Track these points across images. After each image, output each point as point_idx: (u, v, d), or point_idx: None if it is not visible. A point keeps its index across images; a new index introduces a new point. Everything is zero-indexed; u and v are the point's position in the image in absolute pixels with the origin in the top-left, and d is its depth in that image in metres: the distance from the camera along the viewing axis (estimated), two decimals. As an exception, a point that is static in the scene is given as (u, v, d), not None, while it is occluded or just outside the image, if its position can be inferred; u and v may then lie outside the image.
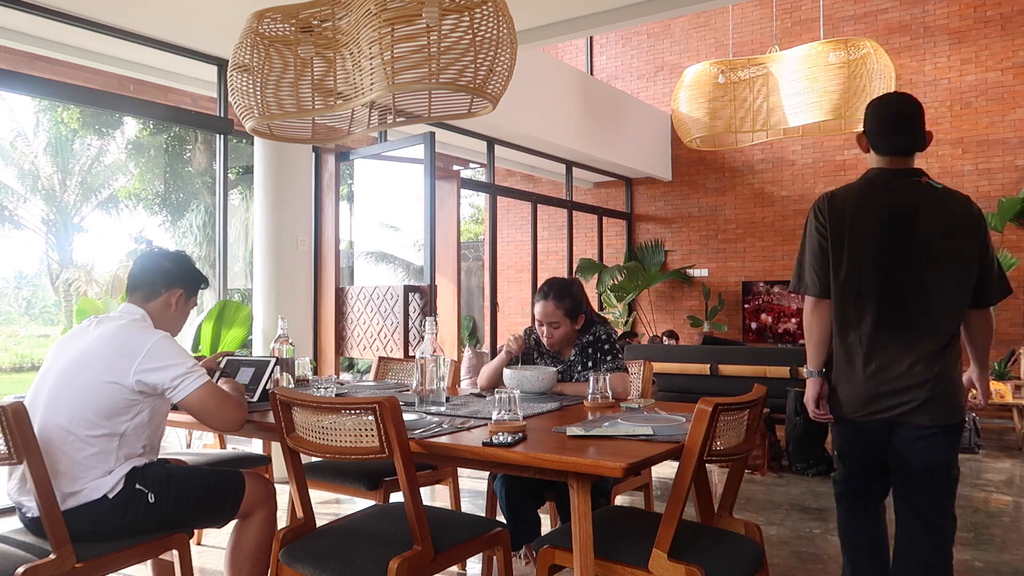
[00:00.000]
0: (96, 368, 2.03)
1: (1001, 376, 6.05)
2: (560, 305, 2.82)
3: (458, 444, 1.90)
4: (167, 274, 2.26)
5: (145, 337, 2.08)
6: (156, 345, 2.07)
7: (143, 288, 2.24)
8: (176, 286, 2.27)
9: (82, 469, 1.98)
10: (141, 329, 2.12)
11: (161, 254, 2.32)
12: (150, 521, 2.06)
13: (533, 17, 5.06)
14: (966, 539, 3.53)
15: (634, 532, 1.97)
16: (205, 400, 2.08)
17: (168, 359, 2.06)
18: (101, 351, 2.05)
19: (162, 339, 2.10)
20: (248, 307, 5.01)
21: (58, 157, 16.27)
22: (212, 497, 2.18)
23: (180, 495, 2.10)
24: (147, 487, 2.06)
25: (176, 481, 2.12)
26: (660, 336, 8.53)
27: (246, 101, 2.75)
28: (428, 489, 4.36)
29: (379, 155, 6.07)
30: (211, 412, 2.10)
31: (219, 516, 2.22)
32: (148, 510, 2.04)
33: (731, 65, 6.26)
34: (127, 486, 2.03)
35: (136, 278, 2.26)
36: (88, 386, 2.02)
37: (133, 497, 2.03)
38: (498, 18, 2.46)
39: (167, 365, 2.05)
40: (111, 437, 2.02)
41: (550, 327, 2.85)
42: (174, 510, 2.10)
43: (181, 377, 2.05)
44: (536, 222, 8.73)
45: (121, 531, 2.02)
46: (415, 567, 1.79)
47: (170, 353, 2.08)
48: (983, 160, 8.03)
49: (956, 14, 8.21)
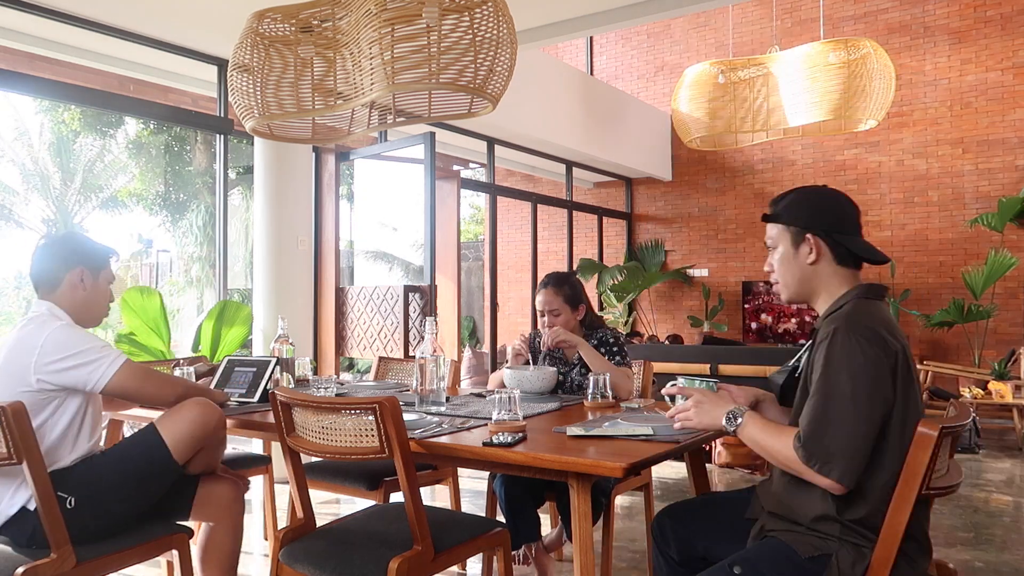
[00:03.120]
0: (6, 376, 1.95)
1: (1001, 376, 6.05)
2: (559, 292, 2.89)
3: (458, 444, 1.90)
4: (60, 257, 2.12)
5: (40, 332, 1.96)
6: (51, 337, 1.95)
7: (43, 281, 2.12)
8: (74, 264, 2.12)
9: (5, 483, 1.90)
10: (38, 324, 2.00)
11: (48, 241, 2.17)
12: (77, 527, 1.90)
13: (533, 17, 5.06)
14: (966, 539, 3.53)
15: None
16: (125, 382, 1.99)
17: (67, 350, 1.94)
18: (9, 358, 1.97)
19: (58, 329, 1.97)
20: (248, 307, 5.01)
21: (59, 157, 16.27)
22: (146, 485, 2.04)
23: (106, 492, 1.96)
24: (67, 491, 1.92)
25: (100, 477, 1.98)
26: (665, 340, 8.52)
27: (246, 101, 2.75)
28: (428, 489, 4.36)
29: (379, 155, 6.07)
30: (136, 392, 2.03)
31: (170, 513, 2.13)
32: (72, 516, 1.90)
33: (731, 65, 6.26)
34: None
35: (34, 274, 2.13)
36: (3, 393, 1.93)
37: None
38: (498, 18, 2.46)
39: (67, 356, 1.93)
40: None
41: (551, 315, 2.90)
42: (104, 511, 1.96)
43: (90, 367, 1.93)
44: (536, 222, 8.73)
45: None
46: (415, 567, 1.79)
47: (69, 343, 1.95)
48: (983, 160, 8.02)
49: (956, 14, 8.21)
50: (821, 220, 1.70)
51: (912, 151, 8.36)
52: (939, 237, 8.21)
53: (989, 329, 7.78)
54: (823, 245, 1.69)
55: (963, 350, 7.87)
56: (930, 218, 8.25)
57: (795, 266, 1.72)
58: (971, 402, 5.77)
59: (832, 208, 1.72)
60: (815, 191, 1.77)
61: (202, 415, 2.12)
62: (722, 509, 1.91)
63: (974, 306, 7.55)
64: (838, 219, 1.71)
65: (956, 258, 8.13)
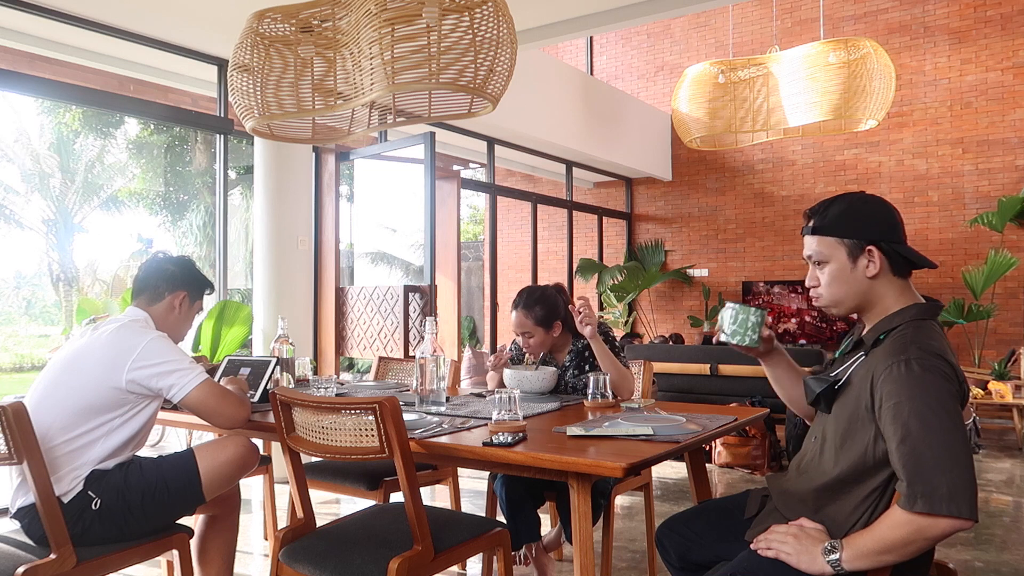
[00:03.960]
0: (89, 369, 2.02)
1: (1001, 376, 6.05)
2: (530, 314, 2.80)
3: (458, 444, 1.90)
4: (171, 277, 2.27)
5: (140, 336, 2.07)
6: (151, 344, 2.05)
7: (147, 292, 2.26)
8: (179, 288, 2.28)
9: (53, 468, 1.93)
10: (138, 329, 2.11)
11: (166, 258, 2.33)
12: (92, 530, 1.96)
13: (533, 17, 5.06)
14: (966, 539, 3.53)
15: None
16: (205, 398, 2.07)
17: (162, 357, 2.05)
18: (95, 351, 2.04)
19: (157, 338, 2.09)
20: (248, 307, 5.02)
21: (60, 157, 16.28)
22: (169, 509, 2.09)
23: (131, 505, 2.01)
24: (97, 493, 1.98)
25: (130, 489, 2.02)
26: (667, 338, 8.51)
27: (246, 101, 2.75)
28: (428, 489, 4.36)
29: (379, 155, 6.07)
30: (212, 410, 2.09)
31: (180, 513, 2.16)
32: (94, 517, 1.96)
33: (731, 65, 6.26)
34: (83, 489, 1.98)
35: (141, 281, 2.27)
36: (80, 386, 2.00)
37: (83, 502, 1.96)
38: (498, 18, 2.46)
39: (161, 363, 2.04)
40: (91, 439, 1.98)
41: (524, 337, 2.85)
42: (123, 521, 2.00)
43: (178, 375, 2.04)
44: (536, 222, 8.73)
45: (74, 538, 1.91)
46: (415, 567, 1.79)
47: (164, 351, 2.06)
48: (983, 160, 8.03)
49: (956, 14, 8.21)
50: (878, 229, 1.60)
51: (912, 151, 8.36)
52: (939, 237, 8.21)
53: (989, 329, 7.78)
54: (882, 257, 1.59)
55: (963, 350, 7.87)
56: (930, 218, 8.25)
57: (852, 280, 1.61)
58: (971, 402, 5.77)
59: (884, 216, 1.63)
60: (861, 199, 1.66)
61: (243, 457, 2.19)
62: (718, 515, 1.90)
63: (974, 306, 7.56)
64: (891, 227, 1.61)
65: (956, 258, 8.13)
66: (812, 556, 1.49)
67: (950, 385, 1.44)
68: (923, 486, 1.37)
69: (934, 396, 1.41)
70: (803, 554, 1.50)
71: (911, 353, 1.46)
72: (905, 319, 1.57)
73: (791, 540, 1.53)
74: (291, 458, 1.99)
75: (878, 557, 1.43)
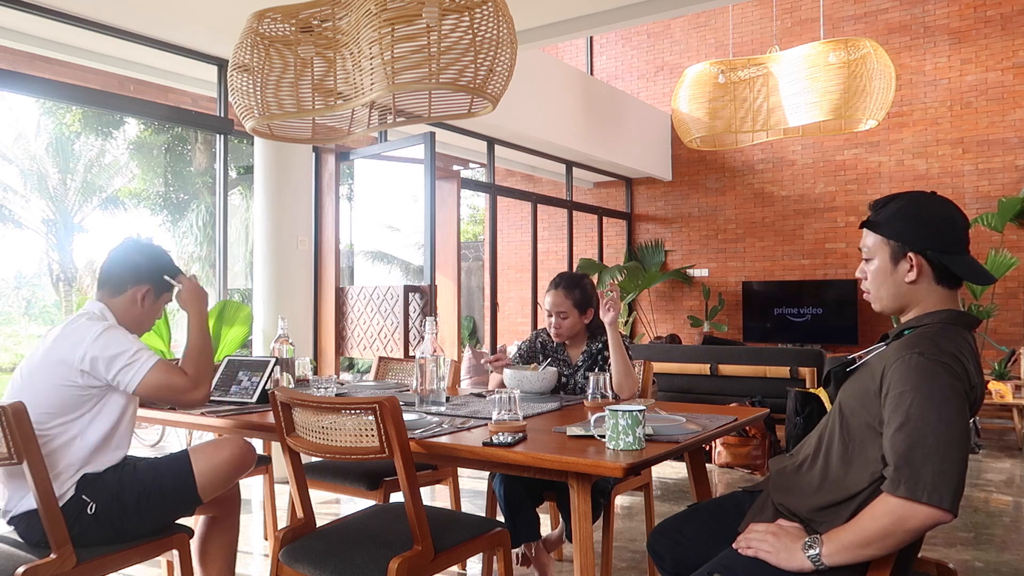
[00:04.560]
0: (50, 366, 1.99)
1: (1001, 376, 6.05)
2: (569, 295, 2.87)
3: (458, 444, 1.90)
4: (135, 268, 2.17)
5: (90, 327, 2.02)
6: (102, 335, 2.00)
7: (110, 283, 2.17)
8: (143, 282, 2.18)
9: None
10: (89, 321, 2.05)
11: (134, 247, 2.21)
12: (89, 533, 1.95)
13: (533, 17, 5.06)
14: (966, 539, 3.53)
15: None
16: (159, 381, 2.03)
17: (112, 347, 1.99)
18: (54, 349, 2.01)
19: (108, 328, 2.03)
20: (248, 307, 5.02)
21: (60, 157, 16.27)
22: (165, 511, 2.08)
23: (126, 507, 1.99)
24: (91, 497, 1.96)
25: (125, 491, 2.01)
26: (663, 338, 8.52)
27: (246, 101, 2.75)
28: (428, 489, 4.36)
29: (379, 155, 6.07)
30: (168, 388, 2.05)
31: (177, 515, 2.16)
32: (90, 521, 1.95)
33: (731, 65, 6.26)
34: (76, 494, 1.96)
35: (104, 272, 2.18)
36: (45, 384, 1.98)
37: (77, 506, 1.95)
38: (498, 18, 2.46)
39: (110, 352, 1.99)
40: (64, 440, 1.97)
41: (558, 317, 2.88)
42: (120, 523, 1.99)
43: (128, 361, 1.99)
44: (536, 222, 8.73)
45: (72, 540, 1.89)
46: (415, 567, 1.79)
47: (114, 341, 2.01)
48: (983, 160, 8.03)
49: (956, 14, 8.21)
50: (927, 238, 1.56)
51: (912, 151, 8.36)
52: (939, 237, 8.19)
53: (989, 329, 7.78)
54: (925, 265, 1.56)
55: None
56: (930, 218, 8.23)
57: (891, 282, 1.60)
58: (971, 402, 5.75)
59: (939, 224, 1.57)
60: (923, 201, 1.61)
61: (240, 458, 2.16)
62: (709, 516, 1.89)
63: (974, 306, 7.56)
64: (944, 237, 1.56)
65: (956, 258, 8.12)
66: (791, 552, 1.49)
67: (956, 382, 1.44)
68: (909, 471, 1.38)
69: (937, 390, 1.42)
70: (782, 551, 1.51)
71: (924, 347, 1.47)
72: (935, 320, 1.56)
73: (770, 538, 1.54)
74: (291, 458, 1.99)
75: (858, 551, 1.43)
